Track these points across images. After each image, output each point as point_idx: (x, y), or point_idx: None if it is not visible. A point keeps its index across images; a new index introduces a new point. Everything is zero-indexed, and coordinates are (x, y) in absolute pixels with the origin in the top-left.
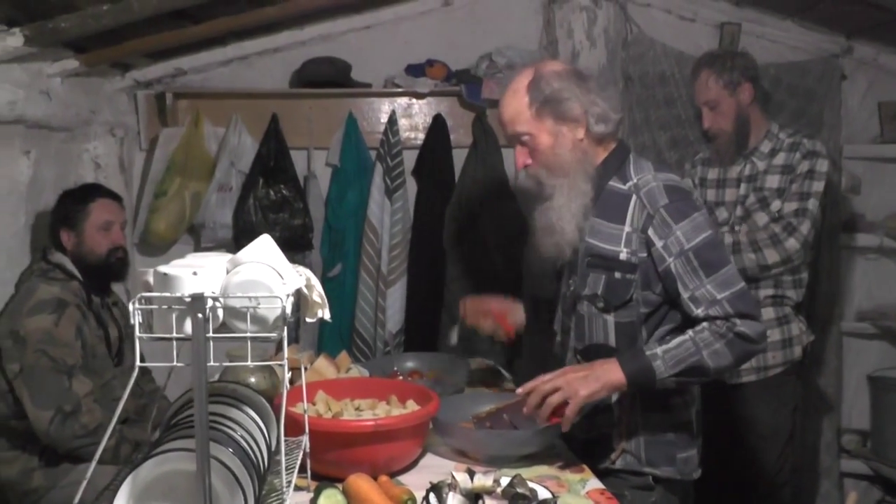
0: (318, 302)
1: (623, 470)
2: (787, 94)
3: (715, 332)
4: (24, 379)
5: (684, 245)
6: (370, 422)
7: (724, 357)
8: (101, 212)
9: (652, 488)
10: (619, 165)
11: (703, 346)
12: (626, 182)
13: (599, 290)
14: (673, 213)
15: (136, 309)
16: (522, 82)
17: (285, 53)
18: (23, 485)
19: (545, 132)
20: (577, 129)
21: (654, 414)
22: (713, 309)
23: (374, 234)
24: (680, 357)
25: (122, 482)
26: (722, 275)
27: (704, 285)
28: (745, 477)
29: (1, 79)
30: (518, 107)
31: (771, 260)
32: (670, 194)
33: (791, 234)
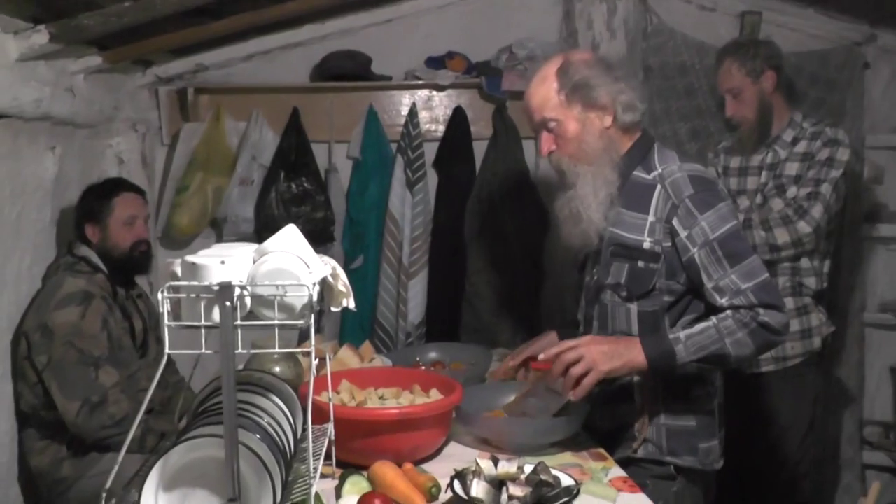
0: (343, 291)
1: (644, 459)
2: (809, 83)
3: (739, 320)
4: (53, 370)
5: (709, 235)
6: (395, 410)
7: (745, 346)
8: (124, 206)
9: (674, 478)
10: (644, 155)
11: (726, 333)
12: (651, 172)
13: (622, 280)
14: (698, 203)
15: (164, 298)
16: (551, 69)
17: (306, 48)
18: (52, 474)
19: (573, 119)
20: (605, 117)
21: (676, 404)
22: (737, 299)
23: (396, 226)
24: (702, 343)
25: (152, 468)
26: (746, 265)
27: (729, 275)
28: (766, 467)
29: (27, 76)
30: (546, 93)
31: (781, 240)
32: (695, 184)
33: (802, 216)
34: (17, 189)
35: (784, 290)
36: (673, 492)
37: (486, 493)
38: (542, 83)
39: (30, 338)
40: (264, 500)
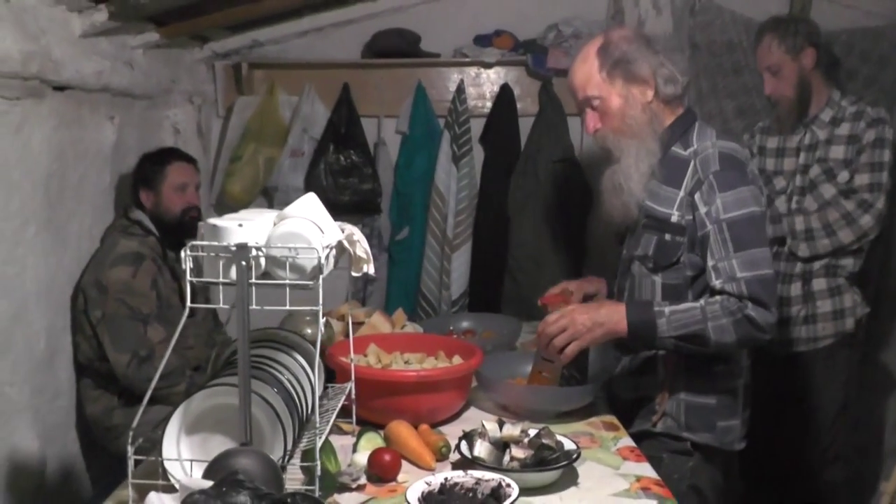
0: (362, 257)
1: (663, 434)
2: (859, 60)
3: (725, 307)
4: (106, 325)
5: (721, 214)
6: (413, 372)
7: (727, 333)
8: (176, 174)
9: (691, 454)
10: (684, 131)
11: (710, 317)
12: (688, 148)
13: (650, 251)
14: (720, 180)
15: (187, 255)
16: (592, 49)
17: (358, 25)
18: (105, 421)
19: (616, 94)
20: (647, 91)
21: (697, 380)
22: (730, 285)
23: (441, 199)
24: (685, 321)
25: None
26: (750, 254)
27: (728, 259)
28: (795, 449)
29: (89, 51)
30: (589, 71)
31: (847, 240)
32: (723, 162)
33: (866, 211)
34: (80, 155)
35: (818, 270)
36: (689, 467)
37: (488, 454)
38: (584, 62)
39: (86, 293)
40: (276, 447)
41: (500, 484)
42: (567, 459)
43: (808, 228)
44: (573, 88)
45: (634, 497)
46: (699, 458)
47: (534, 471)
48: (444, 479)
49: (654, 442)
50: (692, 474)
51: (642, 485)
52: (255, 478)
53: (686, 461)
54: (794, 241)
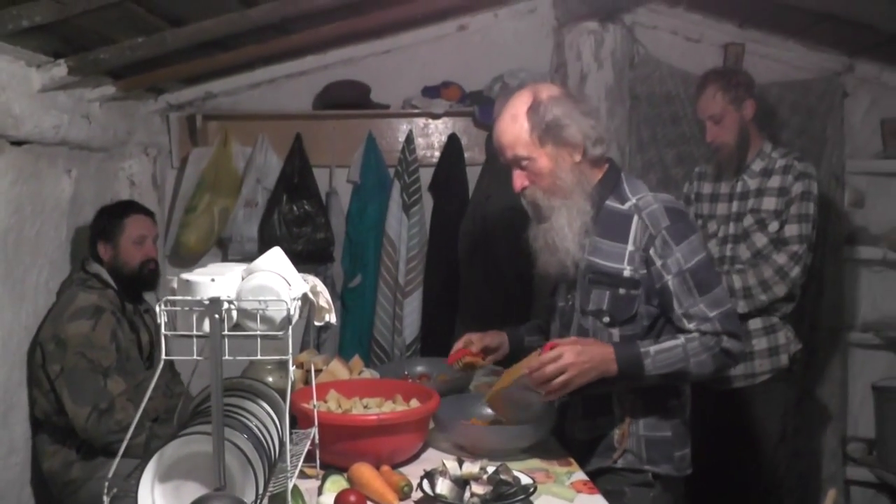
0: (324, 307)
1: (624, 468)
2: (791, 111)
3: (704, 344)
4: (65, 378)
5: (682, 265)
6: (374, 416)
7: (706, 367)
8: (135, 226)
9: (652, 485)
10: (615, 185)
11: (691, 354)
12: (626, 202)
13: (604, 306)
14: (674, 234)
15: (161, 310)
16: (521, 108)
17: (309, 77)
18: (63, 476)
19: (545, 156)
20: (575, 153)
21: (653, 415)
22: (704, 325)
23: (392, 247)
24: (669, 361)
25: (149, 461)
26: (713, 295)
27: (698, 304)
28: (740, 479)
29: (48, 105)
30: (518, 132)
31: (781, 294)
32: (671, 216)
33: (797, 263)
34: (38, 209)
35: (753, 312)
36: (651, 497)
37: (450, 491)
38: (514, 122)
39: (44, 347)
40: (248, 491)
41: None
42: (524, 493)
43: (745, 287)
44: (501, 146)
45: None
46: (659, 487)
47: None
48: None
49: (615, 476)
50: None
51: None
52: None
53: (648, 492)
54: (734, 300)
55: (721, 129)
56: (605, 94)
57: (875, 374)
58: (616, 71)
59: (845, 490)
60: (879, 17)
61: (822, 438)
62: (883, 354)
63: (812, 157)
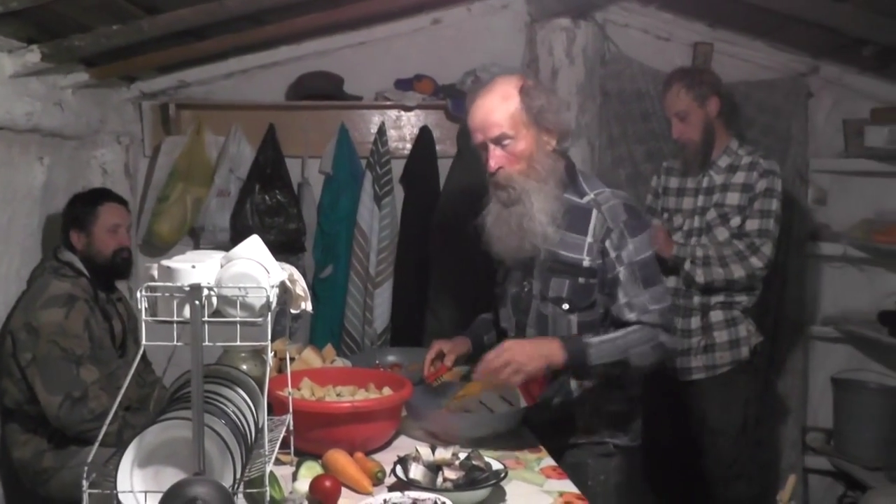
0: (301, 295)
1: (585, 442)
2: (757, 110)
3: (643, 336)
4: (37, 367)
5: (633, 258)
6: (348, 404)
7: (645, 359)
8: (108, 215)
9: (612, 455)
10: (572, 179)
11: (630, 346)
12: (584, 196)
13: (564, 294)
14: (630, 228)
15: (142, 296)
16: (512, 89)
17: (283, 67)
18: (34, 465)
19: (529, 138)
20: (551, 141)
21: (613, 391)
22: (645, 316)
23: (364, 238)
24: (610, 351)
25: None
26: (656, 290)
27: (641, 295)
28: (701, 468)
29: (20, 91)
30: (510, 110)
31: (737, 275)
32: (628, 211)
33: (755, 252)
34: (9, 196)
35: (715, 305)
36: (612, 466)
37: (423, 476)
38: (505, 100)
39: (15, 336)
40: (226, 475)
41: (435, 502)
42: (495, 478)
43: (705, 256)
44: (487, 124)
45: None
46: (619, 457)
47: (466, 490)
48: (384, 500)
49: (578, 451)
50: (616, 472)
51: (565, 499)
52: None
53: (609, 462)
54: (693, 266)
55: (686, 126)
56: (577, 90)
57: (834, 367)
58: (587, 68)
59: (804, 478)
60: (843, 21)
61: (783, 428)
62: (842, 347)
63: (777, 154)
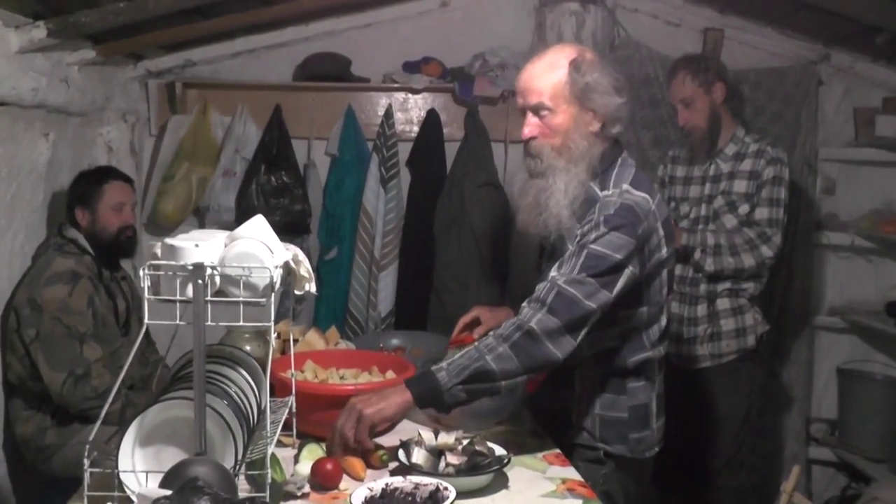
0: (305, 276)
1: (578, 444)
2: (767, 97)
3: (499, 335)
4: (40, 344)
5: (589, 241)
6: (351, 386)
7: (508, 359)
8: (114, 193)
9: (603, 462)
10: (607, 169)
11: (486, 351)
12: (603, 190)
13: None
14: (608, 222)
15: (145, 274)
16: (564, 59)
17: (290, 48)
18: (37, 441)
19: (568, 114)
20: (595, 122)
21: (611, 395)
22: (542, 284)
23: (369, 220)
24: (463, 364)
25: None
26: (581, 280)
27: (564, 266)
28: (704, 457)
29: (25, 67)
30: (554, 80)
31: (747, 264)
32: (620, 211)
33: (766, 242)
34: (13, 171)
35: (722, 292)
36: (602, 474)
37: (425, 461)
38: (553, 69)
39: (19, 312)
40: (227, 456)
41: (437, 488)
42: (498, 464)
43: (716, 244)
44: (528, 89)
45: (561, 497)
46: (612, 465)
47: (468, 475)
48: (385, 485)
49: (570, 450)
50: (605, 480)
51: (568, 486)
52: (213, 485)
53: (599, 469)
54: (703, 255)
55: (692, 113)
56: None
57: (839, 358)
58: (596, 52)
59: (807, 469)
60: (855, 8)
61: (787, 419)
62: (848, 338)
63: (786, 143)
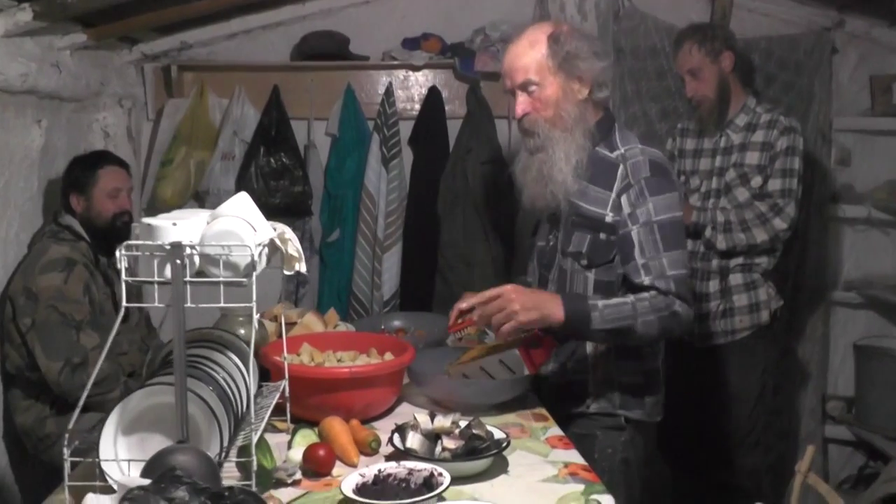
0: (294, 255)
1: (596, 413)
2: (778, 67)
3: (654, 304)
4: (36, 332)
5: (652, 216)
6: (346, 369)
7: (652, 328)
8: (109, 178)
9: (623, 428)
10: (607, 133)
11: (640, 313)
12: (614, 150)
13: (584, 249)
14: (651, 185)
15: (122, 255)
16: (541, 35)
17: (287, 27)
18: (37, 431)
19: (556, 85)
20: (582, 89)
21: (627, 361)
22: (659, 281)
23: (371, 201)
24: (616, 316)
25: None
26: (676, 254)
27: (660, 258)
28: (718, 435)
29: (13, 52)
30: (536, 56)
31: (759, 239)
32: (653, 168)
33: (778, 214)
34: (5, 159)
35: (735, 267)
36: (622, 441)
37: (420, 445)
38: (532, 46)
39: (15, 301)
40: (213, 444)
41: (432, 473)
42: (497, 448)
43: (727, 221)
44: (513, 69)
45: (563, 482)
46: (630, 430)
47: (465, 460)
48: (378, 471)
49: (588, 421)
50: (624, 448)
51: (570, 470)
52: (193, 474)
53: (619, 436)
54: (714, 233)
55: (700, 83)
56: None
57: (856, 334)
58: (600, 24)
59: (823, 447)
60: None
61: (803, 396)
62: (864, 314)
63: (799, 113)
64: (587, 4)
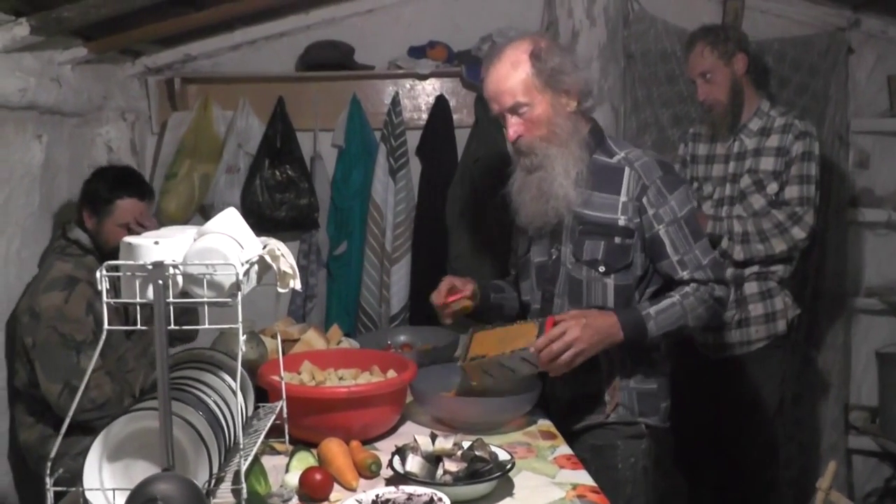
0: (287, 272)
1: (616, 422)
2: (792, 69)
3: (699, 297)
4: (37, 353)
5: (677, 213)
6: (343, 389)
7: (701, 320)
8: (125, 213)
9: (643, 436)
10: (600, 141)
11: (689, 310)
12: (613, 156)
13: (600, 256)
14: (667, 184)
15: (103, 276)
16: (521, 55)
17: (291, 38)
18: (39, 450)
19: (545, 103)
20: (571, 102)
21: (641, 368)
22: (698, 273)
23: (379, 213)
24: (670, 320)
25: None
26: (703, 242)
27: (693, 251)
28: (736, 448)
29: (11, 67)
30: (521, 77)
31: (778, 249)
32: (663, 168)
33: (797, 222)
34: (5, 175)
35: (749, 276)
36: (642, 449)
37: (420, 468)
38: (515, 68)
39: (20, 319)
40: (201, 470)
41: (431, 498)
42: (500, 470)
43: (744, 232)
44: (499, 93)
45: None
46: (650, 438)
47: (467, 483)
48: (376, 496)
49: (606, 431)
50: (645, 455)
51: (578, 492)
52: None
53: (639, 444)
54: (731, 244)
55: (712, 86)
56: (598, 52)
57: (879, 341)
58: (609, 28)
59: (847, 459)
60: None
61: (824, 407)
62: (887, 320)
63: (814, 116)
64: (596, 9)
